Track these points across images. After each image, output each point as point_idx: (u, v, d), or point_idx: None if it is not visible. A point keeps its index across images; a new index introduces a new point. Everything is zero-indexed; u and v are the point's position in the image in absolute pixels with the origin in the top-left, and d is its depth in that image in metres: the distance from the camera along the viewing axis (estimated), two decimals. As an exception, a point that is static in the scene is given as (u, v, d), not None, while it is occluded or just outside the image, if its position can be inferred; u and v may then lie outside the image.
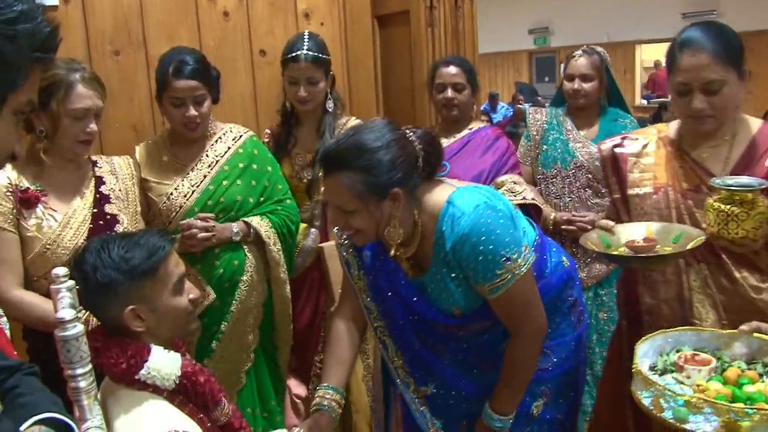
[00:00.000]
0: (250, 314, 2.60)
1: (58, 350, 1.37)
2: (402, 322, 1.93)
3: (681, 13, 11.97)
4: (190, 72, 2.41)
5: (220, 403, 1.65)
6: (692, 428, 1.45)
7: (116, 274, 1.55)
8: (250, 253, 2.58)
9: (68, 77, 2.08)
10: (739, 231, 1.76)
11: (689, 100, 1.85)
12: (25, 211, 2.09)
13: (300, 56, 2.72)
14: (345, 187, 1.70)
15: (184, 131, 2.48)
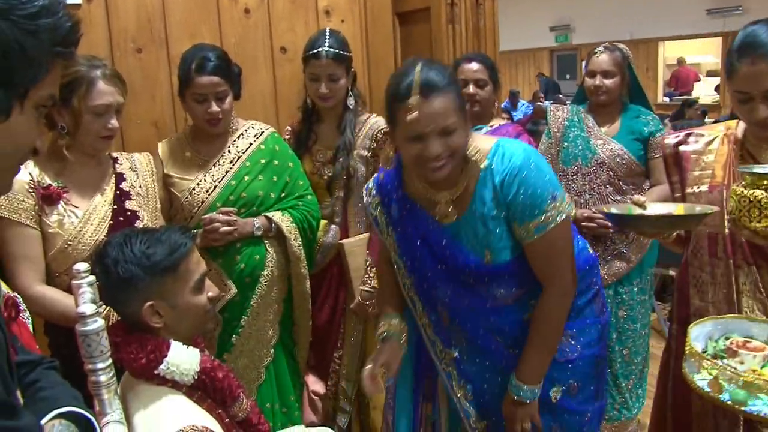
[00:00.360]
0: (270, 309, 2.62)
1: (79, 345, 1.39)
2: (430, 274, 1.93)
3: (705, 10, 11.85)
4: (212, 68, 2.43)
5: (239, 399, 1.66)
6: (752, 411, 1.42)
7: (137, 269, 1.57)
8: (271, 248, 2.59)
9: (89, 74, 2.09)
10: (762, 219, 1.69)
11: (751, 108, 1.75)
12: (47, 208, 2.11)
13: (321, 53, 2.72)
14: (450, 103, 1.72)
15: (206, 127, 2.50)
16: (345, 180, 2.80)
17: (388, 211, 1.97)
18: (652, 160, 3.07)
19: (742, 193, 1.72)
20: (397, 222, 1.96)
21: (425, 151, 1.72)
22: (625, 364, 3.17)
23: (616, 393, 3.18)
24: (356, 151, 2.80)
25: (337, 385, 2.93)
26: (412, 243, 1.93)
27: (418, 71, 1.71)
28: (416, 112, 1.68)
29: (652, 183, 3.09)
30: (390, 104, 1.77)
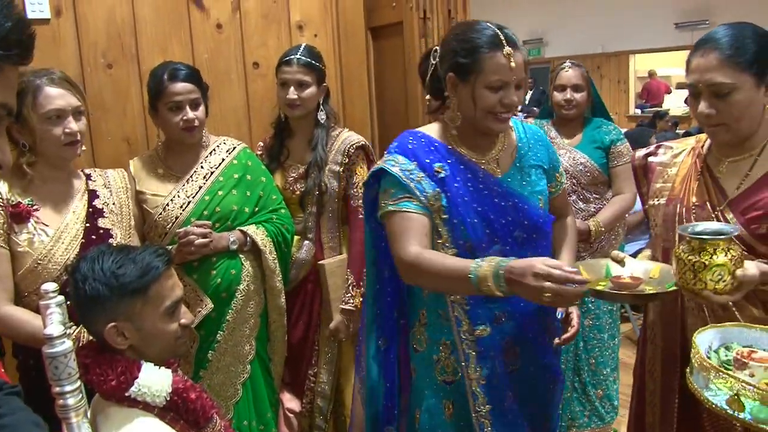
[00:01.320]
0: (246, 324, 2.60)
1: (46, 367, 1.35)
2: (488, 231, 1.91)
3: (674, 23, 12.02)
4: (184, 76, 2.47)
5: (212, 420, 1.63)
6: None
7: (104, 288, 1.54)
8: (247, 262, 2.58)
9: (34, 82, 2.05)
10: (697, 283, 1.62)
11: (698, 103, 1.77)
12: (17, 226, 2.07)
13: (292, 59, 2.76)
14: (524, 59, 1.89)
15: (182, 136, 2.49)
16: (318, 196, 2.79)
17: (429, 174, 1.91)
18: (614, 168, 3.15)
19: (680, 255, 1.66)
20: (448, 181, 1.92)
21: (505, 99, 1.85)
22: (592, 373, 3.21)
23: (585, 401, 3.23)
24: (328, 167, 2.79)
25: (313, 403, 2.90)
26: (466, 201, 1.91)
27: (498, 28, 1.85)
28: (513, 60, 1.81)
29: (614, 191, 3.17)
30: (471, 52, 1.84)
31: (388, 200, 1.91)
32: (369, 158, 2.89)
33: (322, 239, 2.85)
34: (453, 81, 1.90)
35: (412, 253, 1.82)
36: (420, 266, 1.81)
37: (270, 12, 3.27)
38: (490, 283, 1.66)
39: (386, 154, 1.99)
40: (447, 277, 1.77)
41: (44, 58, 2.66)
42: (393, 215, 1.89)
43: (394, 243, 1.89)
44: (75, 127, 2.11)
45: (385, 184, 1.94)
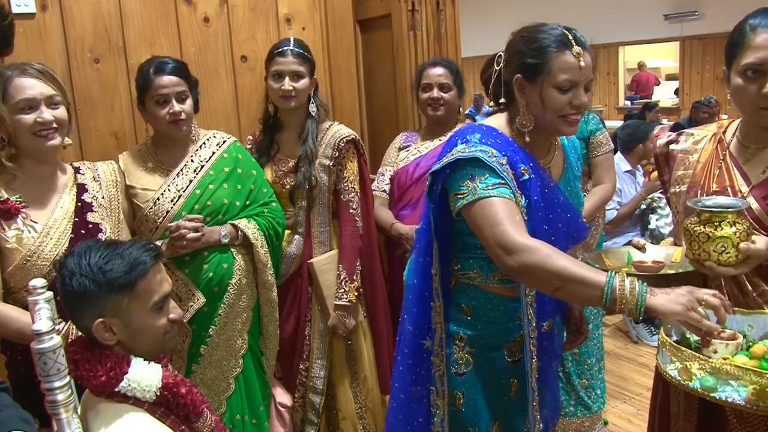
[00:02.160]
0: (239, 318, 2.61)
1: (35, 363, 1.34)
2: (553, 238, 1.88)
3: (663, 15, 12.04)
4: (171, 69, 2.46)
5: (203, 415, 1.62)
6: (721, 397, 1.44)
7: (91, 284, 1.53)
8: (239, 256, 2.58)
9: (4, 74, 2.03)
10: (702, 254, 1.65)
11: (761, 85, 1.66)
12: (5, 223, 2.05)
13: (286, 50, 2.75)
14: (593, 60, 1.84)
15: (170, 130, 2.48)
16: (308, 190, 2.78)
17: (516, 174, 1.82)
18: (594, 158, 3.14)
19: (687, 226, 1.70)
20: (530, 184, 1.85)
21: (575, 100, 1.79)
22: (576, 363, 3.22)
23: (570, 390, 3.24)
24: (318, 160, 2.78)
25: (305, 398, 2.90)
26: (541, 206, 1.87)
27: (567, 29, 1.82)
28: (582, 60, 1.77)
29: (594, 182, 3.15)
30: (540, 52, 1.80)
31: (479, 186, 1.75)
32: (359, 152, 2.88)
33: (312, 234, 2.84)
34: (520, 83, 1.84)
35: (522, 238, 1.66)
36: (533, 254, 1.63)
37: (258, 5, 3.25)
38: (628, 306, 1.54)
39: (466, 143, 1.83)
40: (565, 276, 1.60)
41: (30, 53, 2.65)
42: (487, 200, 1.72)
43: (494, 227, 1.69)
44: (48, 117, 2.07)
45: (474, 170, 1.77)
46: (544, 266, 1.61)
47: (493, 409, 2.02)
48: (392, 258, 3.16)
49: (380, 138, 3.61)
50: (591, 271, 1.62)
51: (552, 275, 1.61)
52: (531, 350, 1.93)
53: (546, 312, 1.99)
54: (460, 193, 1.78)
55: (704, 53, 11.67)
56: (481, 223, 1.73)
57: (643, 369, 4.16)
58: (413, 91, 3.17)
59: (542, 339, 1.98)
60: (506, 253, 1.67)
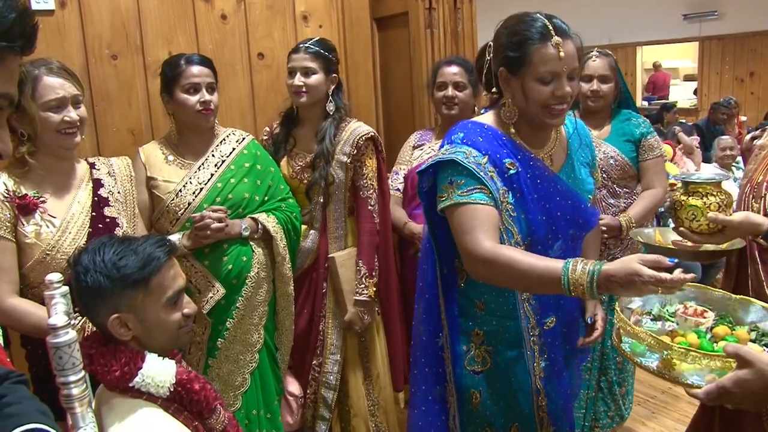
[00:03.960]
0: (255, 312, 2.63)
1: (50, 357, 1.35)
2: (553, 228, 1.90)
3: (682, 15, 11.94)
4: (202, 60, 2.52)
5: (216, 411, 1.63)
6: (641, 362, 1.57)
7: (105, 280, 1.53)
8: (258, 250, 2.61)
9: (32, 72, 2.05)
10: (676, 220, 1.80)
11: None
12: (24, 218, 2.07)
13: (300, 47, 2.78)
14: (576, 47, 1.84)
15: (198, 119, 2.51)
16: (324, 186, 2.78)
17: (500, 170, 1.84)
18: (644, 162, 3.04)
19: (672, 196, 1.82)
20: (518, 177, 1.86)
21: (557, 90, 1.80)
22: (618, 371, 3.16)
23: (611, 401, 3.17)
24: (336, 157, 2.78)
25: (317, 393, 2.90)
26: (535, 198, 1.87)
27: (547, 18, 1.81)
28: (561, 50, 1.77)
29: (643, 186, 3.05)
30: (520, 45, 1.80)
31: (456, 191, 1.80)
32: (378, 149, 2.88)
33: (328, 229, 2.85)
34: (504, 76, 1.86)
35: (488, 246, 1.71)
36: (498, 261, 1.69)
37: (275, 3, 3.26)
38: (583, 287, 1.58)
39: (450, 144, 1.87)
40: (531, 276, 1.66)
41: (49, 49, 2.67)
42: (462, 207, 1.78)
43: (463, 235, 1.77)
44: (74, 116, 2.11)
45: (452, 174, 1.82)
46: (508, 273, 1.69)
47: (510, 410, 2.01)
48: (405, 257, 3.15)
49: (395, 136, 3.60)
50: (550, 262, 1.66)
51: (517, 279, 1.70)
52: (532, 347, 1.95)
53: (548, 308, 1.98)
54: (441, 196, 1.85)
55: (723, 53, 11.56)
56: (455, 229, 1.81)
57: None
58: (428, 89, 3.16)
59: (547, 336, 1.98)
60: (472, 263, 1.77)
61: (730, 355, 1.37)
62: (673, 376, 1.50)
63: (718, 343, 1.60)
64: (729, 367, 1.40)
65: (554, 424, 2.05)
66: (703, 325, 1.67)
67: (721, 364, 1.43)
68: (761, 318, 1.70)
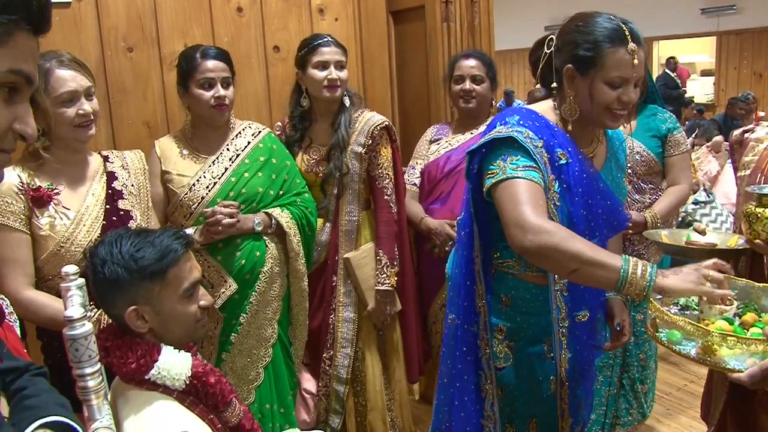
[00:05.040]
0: (269, 307, 2.61)
1: (67, 349, 1.35)
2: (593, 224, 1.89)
3: (700, 9, 11.85)
4: (218, 54, 2.50)
5: (231, 404, 1.62)
6: (679, 349, 1.58)
7: (123, 271, 1.53)
8: (272, 245, 2.59)
9: (44, 65, 2.03)
10: (752, 233, 1.78)
11: None
12: (38, 210, 2.07)
13: (329, 41, 2.76)
14: None
15: (212, 114, 2.49)
16: (339, 177, 2.78)
17: (552, 158, 1.82)
18: (670, 157, 3.00)
19: (746, 208, 1.80)
20: (567, 169, 1.84)
21: (624, 96, 1.79)
22: (641, 368, 3.13)
23: (633, 398, 3.15)
24: (351, 147, 2.78)
25: (329, 386, 2.90)
26: (580, 192, 1.86)
27: (624, 23, 1.81)
28: (636, 57, 1.76)
29: (669, 182, 3.02)
30: (594, 45, 1.78)
31: (510, 166, 1.74)
32: (392, 139, 2.87)
33: (340, 222, 2.84)
34: (571, 73, 1.83)
35: (546, 221, 1.66)
36: (551, 232, 1.62)
37: (291, -5, 3.25)
38: (636, 289, 1.58)
39: (504, 124, 1.83)
40: (582, 258, 1.60)
41: (65, 42, 2.67)
42: (515, 181, 1.72)
43: (516, 206, 1.69)
44: (88, 108, 2.10)
45: (508, 150, 1.77)
46: (561, 248, 1.61)
47: (530, 406, 2.01)
48: (421, 253, 3.14)
49: (411, 130, 3.59)
50: (607, 255, 1.63)
51: (568, 257, 1.61)
52: (560, 339, 1.94)
53: (582, 301, 1.96)
54: (490, 172, 1.79)
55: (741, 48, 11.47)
56: (504, 202, 1.73)
57: (674, 368, 4.10)
58: (445, 83, 3.14)
59: (576, 329, 1.97)
60: (523, 233, 1.66)
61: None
62: (714, 361, 1.52)
63: (749, 330, 1.61)
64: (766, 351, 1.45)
65: (573, 416, 2.05)
66: (728, 312, 1.68)
67: (762, 348, 1.47)
68: None
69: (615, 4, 13.26)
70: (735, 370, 1.48)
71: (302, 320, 2.74)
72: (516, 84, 14.73)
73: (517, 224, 1.67)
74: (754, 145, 2.05)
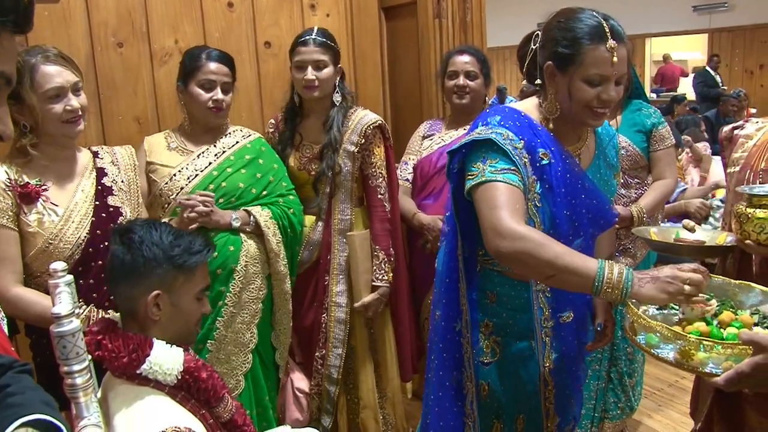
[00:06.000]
0: (246, 310, 2.55)
1: (54, 346, 1.34)
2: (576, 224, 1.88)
3: (692, 6, 11.88)
4: (223, 58, 2.52)
5: (223, 400, 1.62)
6: (657, 353, 1.58)
7: (162, 254, 1.60)
8: (248, 242, 2.54)
9: (29, 61, 2.01)
10: (742, 233, 1.77)
11: None
12: (26, 207, 2.06)
13: (308, 40, 2.72)
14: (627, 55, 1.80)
15: (207, 115, 2.49)
16: (331, 176, 2.76)
17: (533, 158, 1.81)
18: (656, 152, 3.02)
19: (736, 208, 1.78)
20: (549, 169, 1.83)
21: (603, 94, 1.77)
22: (629, 362, 3.14)
23: (621, 392, 3.16)
24: (343, 146, 2.76)
25: (320, 386, 2.89)
26: (563, 192, 1.85)
27: (604, 19, 1.78)
28: (615, 55, 1.74)
29: (655, 176, 3.04)
30: (573, 43, 1.76)
31: (488, 169, 1.74)
32: (385, 137, 2.85)
33: (332, 221, 2.82)
34: (551, 70, 1.82)
35: (516, 223, 1.65)
36: (526, 238, 1.61)
37: (282, -9, 3.23)
38: (613, 294, 1.58)
39: (486, 125, 1.83)
40: (557, 264, 1.60)
41: (54, 37, 2.64)
42: (493, 184, 1.72)
43: (492, 210, 1.69)
44: (76, 104, 2.08)
45: (487, 153, 1.77)
46: (535, 254, 1.60)
47: (517, 402, 2.01)
48: (414, 248, 3.13)
49: (404, 126, 3.58)
50: (583, 260, 1.61)
51: (543, 264, 1.61)
52: (544, 340, 1.93)
53: (566, 302, 1.96)
54: (470, 174, 1.79)
55: (733, 46, 11.50)
56: (482, 205, 1.73)
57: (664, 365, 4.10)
58: (438, 79, 3.13)
59: (561, 330, 1.96)
60: (498, 238, 1.66)
61: (746, 342, 1.41)
62: (691, 365, 1.51)
63: (725, 329, 1.62)
64: (743, 353, 1.44)
65: (559, 415, 2.04)
66: (709, 312, 1.68)
67: (737, 351, 1.46)
68: (761, 301, 1.73)
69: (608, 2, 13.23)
70: (713, 375, 1.47)
71: (285, 324, 2.69)
72: (509, 81, 14.73)
73: (493, 229, 1.67)
74: (744, 141, 2.04)
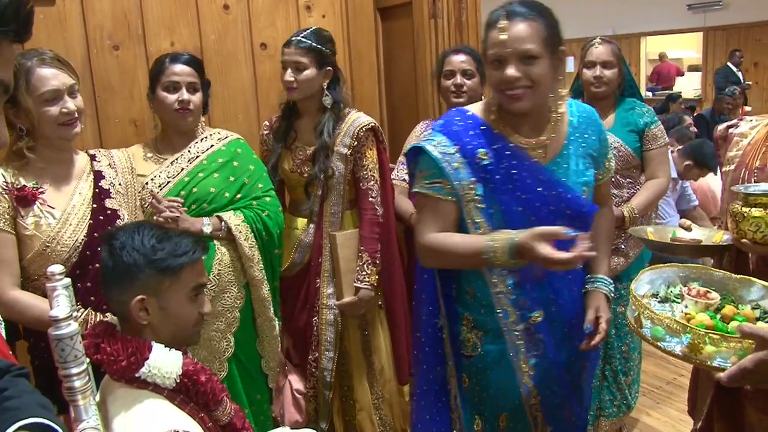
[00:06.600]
0: (221, 318, 2.50)
1: (52, 349, 1.34)
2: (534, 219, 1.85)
3: (686, 5, 11.90)
4: (186, 60, 2.47)
5: (222, 403, 1.62)
6: (663, 346, 1.59)
7: (141, 258, 1.57)
8: (222, 249, 2.49)
9: (25, 64, 2.01)
10: (739, 232, 1.78)
11: None
12: (23, 210, 2.06)
13: (291, 41, 2.71)
14: (534, 31, 1.76)
15: (176, 118, 2.45)
16: (324, 179, 2.75)
17: (471, 161, 1.84)
18: (649, 151, 3.02)
19: (731, 206, 1.80)
20: (491, 169, 1.84)
21: (503, 74, 1.77)
22: (624, 360, 3.14)
23: (616, 390, 3.16)
24: (336, 149, 2.75)
25: (315, 388, 2.89)
26: (510, 189, 1.85)
27: (508, 3, 1.80)
28: (502, 34, 1.75)
29: (647, 176, 3.04)
30: (485, 31, 1.83)
31: (420, 181, 1.90)
32: (378, 140, 2.84)
33: (323, 224, 2.80)
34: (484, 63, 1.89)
35: (427, 238, 1.88)
36: (431, 246, 1.87)
37: (277, -8, 3.23)
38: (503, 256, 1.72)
39: (429, 131, 1.93)
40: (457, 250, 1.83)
41: (50, 40, 2.64)
42: (421, 197, 1.92)
43: (418, 225, 1.94)
44: (72, 106, 2.08)
45: (422, 162, 1.89)
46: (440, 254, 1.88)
47: (499, 400, 1.99)
48: (412, 248, 3.13)
49: (400, 127, 3.58)
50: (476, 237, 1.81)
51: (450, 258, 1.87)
52: (515, 344, 1.93)
53: (534, 302, 1.93)
54: (413, 181, 1.98)
55: (728, 44, 11.51)
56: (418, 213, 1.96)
57: (663, 362, 4.11)
58: (434, 79, 3.13)
59: (535, 331, 1.94)
60: (419, 251, 1.95)
61: (746, 335, 1.42)
62: (700, 359, 1.52)
63: (729, 323, 1.62)
64: (751, 348, 1.44)
65: (551, 423, 2.01)
66: (711, 306, 1.70)
67: (746, 345, 1.46)
68: (762, 296, 1.74)
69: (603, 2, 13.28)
70: (720, 369, 1.47)
71: (268, 331, 2.63)
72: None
73: (416, 239, 1.94)
74: (738, 140, 2.05)
